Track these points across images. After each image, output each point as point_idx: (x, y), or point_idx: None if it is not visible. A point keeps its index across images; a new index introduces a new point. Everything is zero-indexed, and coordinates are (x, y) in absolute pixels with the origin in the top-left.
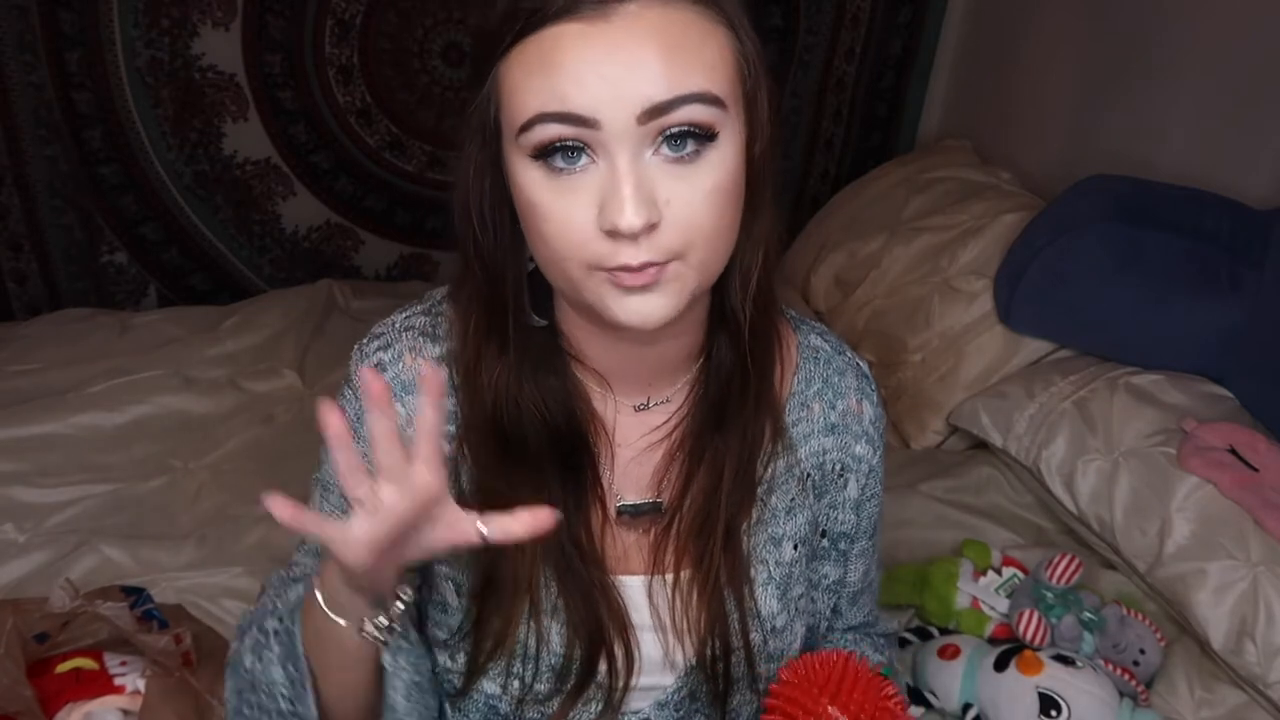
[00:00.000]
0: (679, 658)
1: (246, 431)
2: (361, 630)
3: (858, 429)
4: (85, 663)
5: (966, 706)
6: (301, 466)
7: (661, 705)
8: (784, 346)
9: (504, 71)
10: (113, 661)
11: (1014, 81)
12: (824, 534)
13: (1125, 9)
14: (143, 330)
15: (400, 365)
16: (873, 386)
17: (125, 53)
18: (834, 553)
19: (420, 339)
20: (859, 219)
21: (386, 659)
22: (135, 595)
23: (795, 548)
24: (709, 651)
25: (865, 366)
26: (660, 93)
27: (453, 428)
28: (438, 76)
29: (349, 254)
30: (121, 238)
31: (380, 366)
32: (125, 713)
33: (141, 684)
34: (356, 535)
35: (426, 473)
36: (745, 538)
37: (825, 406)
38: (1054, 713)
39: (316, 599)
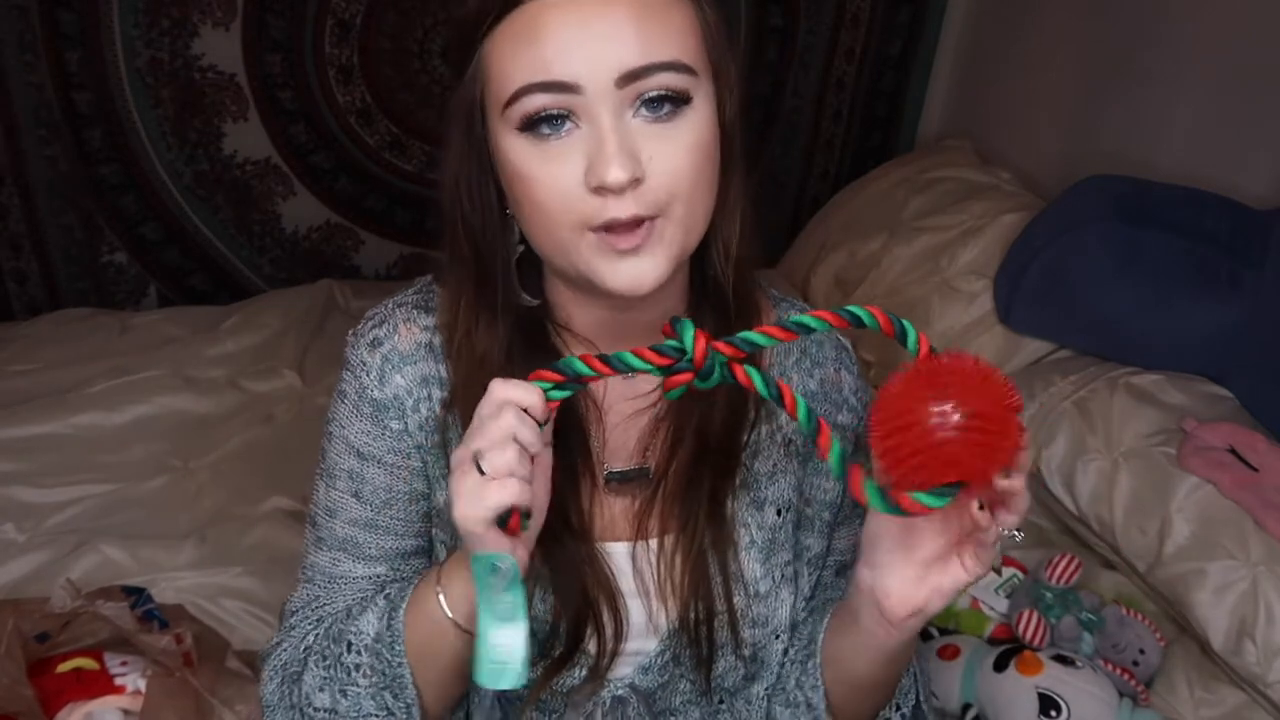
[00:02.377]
0: (662, 621)
1: (246, 431)
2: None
3: (838, 398)
4: (86, 663)
5: (966, 707)
6: (302, 466)
7: (645, 670)
8: (763, 320)
9: (489, 50)
10: (113, 661)
11: (1014, 81)
12: (809, 502)
13: (1125, 9)
14: (143, 330)
15: (397, 337)
16: (852, 359)
17: (125, 53)
18: (818, 521)
19: (414, 311)
20: (859, 219)
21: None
22: (136, 595)
23: (779, 513)
24: (692, 615)
25: (845, 341)
26: (635, 59)
27: (444, 393)
28: (438, 76)
29: (349, 254)
30: (121, 238)
31: (377, 342)
32: (126, 713)
33: (142, 684)
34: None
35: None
36: (730, 502)
37: (804, 375)
38: (1053, 713)
39: (444, 610)
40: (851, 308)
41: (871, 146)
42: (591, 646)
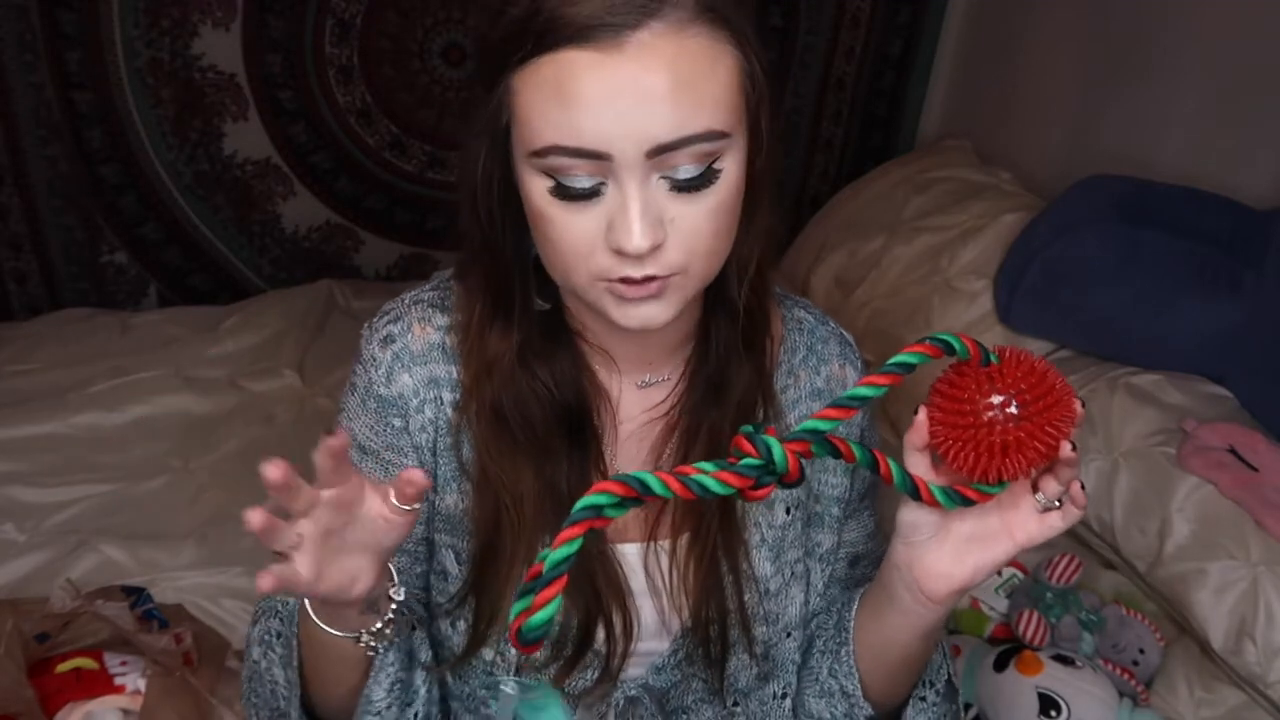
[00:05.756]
0: (674, 623)
1: (246, 431)
2: (359, 641)
3: (842, 392)
4: (85, 663)
5: (966, 706)
6: (302, 466)
7: (658, 670)
8: (770, 321)
9: (516, 86)
10: (113, 661)
11: (1014, 81)
12: (817, 499)
13: (1125, 9)
14: (143, 330)
15: (409, 336)
16: (856, 353)
17: (125, 53)
18: (827, 517)
19: (429, 310)
20: (859, 219)
21: (376, 657)
22: (135, 595)
23: (788, 511)
24: (704, 615)
25: (849, 336)
26: (667, 133)
27: (456, 395)
28: (438, 76)
29: (349, 254)
30: (121, 238)
31: (389, 339)
32: (125, 712)
33: (142, 684)
34: (304, 578)
35: (329, 488)
36: (739, 502)
37: (810, 373)
38: (1053, 713)
39: (309, 614)
40: (901, 357)
41: (871, 146)
42: (602, 647)
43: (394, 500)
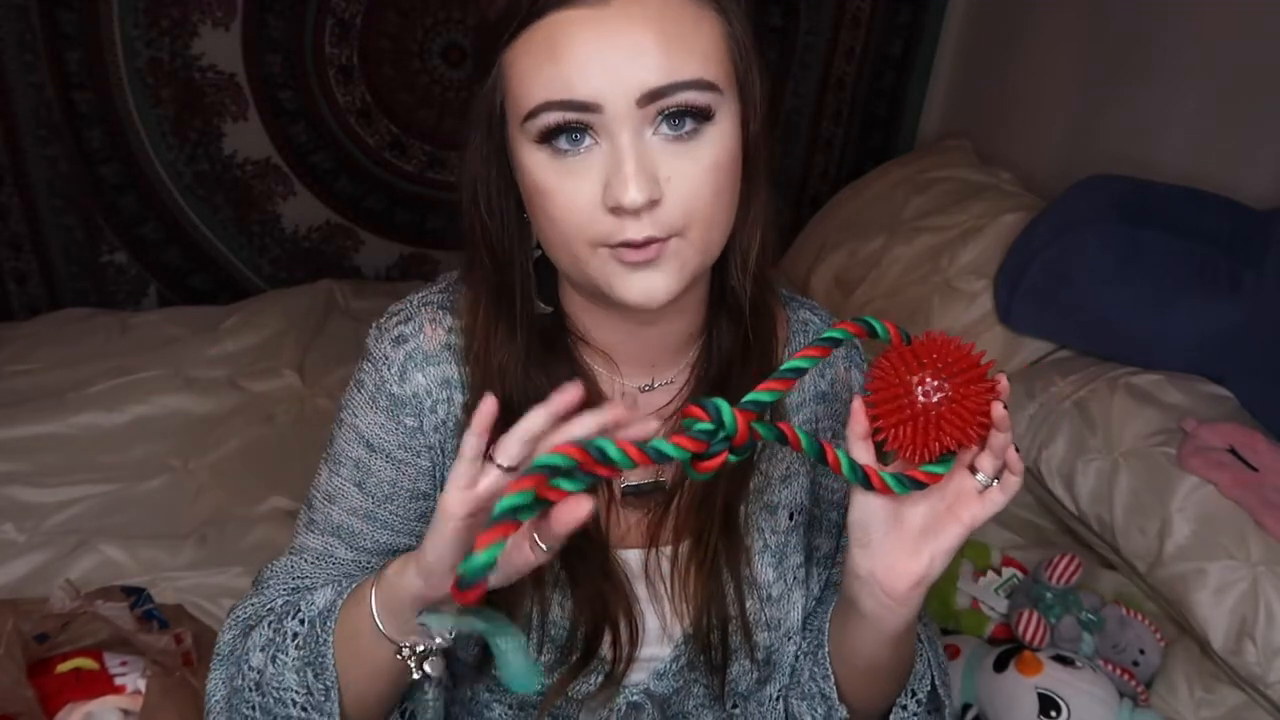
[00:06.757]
0: (676, 629)
1: (246, 431)
2: (399, 653)
3: (847, 396)
4: (85, 663)
5: (966, 707)
6: (301, 466)
7: (660, 676)
8: (775, 322)
9: (509, 60)
10: (113, 661)
11: (1014, 81)
12: (818, 502)
13: (1125, 9)
14: (143, 330)
15: (422, 336)
16: (862, 356)
17: (125, 53)
18: (826, 521)
19: (439, 311)
20: (859, 219)
21: (431, 692)
22: (135, 595)
23: (791, 516)
24: (705, 621)
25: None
26: (657, 78)
27: (465, 396)
28: (438, 76)
29: (349, 254)
30: (121, 238)
31: (401, 339)
32: (125, 713)
33: (142, 684)
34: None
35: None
36: (742, 508)
37: (815, 375)
38: (1053, 713)
39: (371, 607)
40: (830, 333)
41: (871, 146)
42: (607, 653)
43: (541, 540)
